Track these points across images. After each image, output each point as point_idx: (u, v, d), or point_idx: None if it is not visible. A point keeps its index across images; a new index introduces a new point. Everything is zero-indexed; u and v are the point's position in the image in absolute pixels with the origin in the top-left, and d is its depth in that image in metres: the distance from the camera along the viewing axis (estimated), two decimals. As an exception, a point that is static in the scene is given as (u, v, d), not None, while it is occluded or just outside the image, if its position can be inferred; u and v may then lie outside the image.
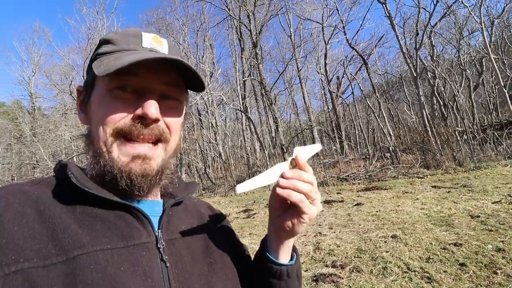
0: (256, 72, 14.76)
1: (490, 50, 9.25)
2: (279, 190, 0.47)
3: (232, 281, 0.54)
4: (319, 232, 4.46)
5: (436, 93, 14.50)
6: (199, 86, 0.55)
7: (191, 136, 17.93)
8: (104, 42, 0.51)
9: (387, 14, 11.62)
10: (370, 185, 9.29)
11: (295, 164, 0.51)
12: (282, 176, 0.48)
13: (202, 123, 21.38)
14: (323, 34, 20.32)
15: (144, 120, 0.47)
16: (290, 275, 0.56)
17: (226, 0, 17.13)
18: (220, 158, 16.19)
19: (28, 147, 24.72)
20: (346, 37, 12.83)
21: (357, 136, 19.24)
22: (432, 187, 6.94)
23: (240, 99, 18.24)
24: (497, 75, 9.39)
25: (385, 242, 3.60)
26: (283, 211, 0.53)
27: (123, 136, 0.47)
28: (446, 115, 14.09)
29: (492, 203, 4.48)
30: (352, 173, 10.94)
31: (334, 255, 3.46)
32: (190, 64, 0.49)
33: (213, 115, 20.89)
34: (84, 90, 0.53)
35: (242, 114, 16.41)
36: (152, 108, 0.47)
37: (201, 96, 16.90)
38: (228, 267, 0.56)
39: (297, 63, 23.42)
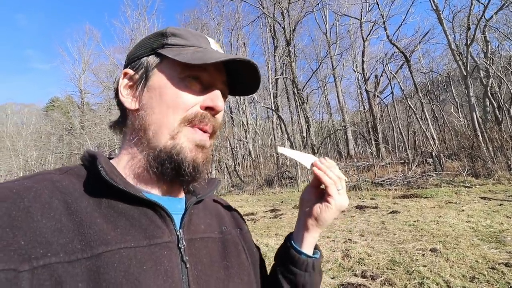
0: (288, 70, 14.54)
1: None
2: (316, 169, 0.56)
3: (247, 285, 0.54)
4: (349, 239, 4.23)
5: (489, 94, 13.05)
6: (249, 90, 0.58)
7: (222, 133, 18.25)
8: (171, 35, 0.52)
9: (434, 7, 10.69)
10: (409, 192, 8.66)
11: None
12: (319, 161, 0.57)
13: (233, 121, 21.66)
14: (361, 30, 19.37)
15: (211, 111, 0.50)
16: (315, 268, 0.58)
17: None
18: (249, 156, 16.26)
19: (77, 138, 27.07)
20: (386, 33, 12.02)
21: (396, 139, 18.09)
22: (481, 198, 6.26)
23: (272, 97, 18.11)
24: None
25: (423, 255, 3.29)
26: (314, 201, 0.58)
27: (190, 123, 0.48)
28: (501, 119, 12.65)
29: (556, 220, 3.89)
30: (389, 178, 10.29)
31: (364, 265, 3.24)
32: (260, 74, 0.54)
33: (244, 113, 21.04)
34: (138, 74, 0.51)
35: (273, 113, 16.28)
36: (220, 100, 0.50)
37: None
38: (243, 271, 0.55)
39: (332, 61, 22.66)
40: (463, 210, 5.10)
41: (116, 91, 0.53)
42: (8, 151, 30.22)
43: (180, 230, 0.48)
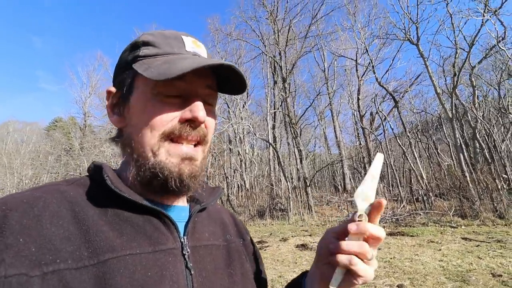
0: (284, 104, 15.24)
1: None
2: (340, 258, 0.44)
3: None
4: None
5: (477, 137, 13.56)
6: (236, 90, 0.56)
7: (218, 161, 18.52)
8: (143, 44, 0.50)
9: (420, 54, 11.56)
10: (396, 229, 8.71)
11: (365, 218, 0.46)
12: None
13: (231, 151, 22.02)
14: (357, 70, 20.58)
15: (192, 123, 0.48)
16: None
17: (262, 37, 18.49)
18: (244, 186, 16.36)
19: (75, 159, 27.29)
20: (375, 76, 12.86)
21: (390, 176, 18.32)
22: (462, 238, 6.36)
23: (269, 129, 18.68)
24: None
25: (390, 291, 3.41)
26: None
27: (170, 138, 0.48)
28: (490, 161, 12.99)
29: (522, 263, 4.03)
30: (377, 214, 10.36)
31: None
32: (240, 70, 0.50)
33: (241, 143, 21.49)
34: (119, 92, 0.52)
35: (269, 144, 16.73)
36: (200, 111, 0.48)
37: (231, 124, 17.66)
38: (247, 279, 0.55)
39: (329, 97, 23.67)
40: (440, 250, 5.22)
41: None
42: (4, 168, 30.22)
43: (184, 237, 0.49)
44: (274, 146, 13.29)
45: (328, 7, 18.26)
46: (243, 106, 22.17)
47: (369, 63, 12.98)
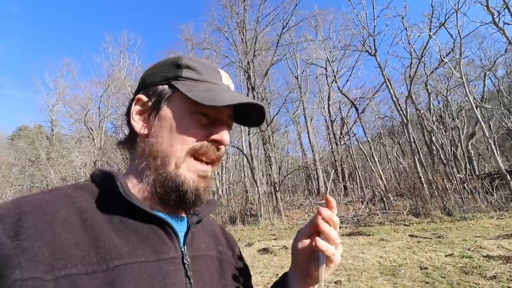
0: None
1: (472, 103, 9.63)
2: (320, 245, 0.49)
3: None
4: (276, 274, 4.60)
5: (433, 139, 14.73)
6: (250, 124, 0.62)
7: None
8: (186, 67, 0.55)
9: (378, 64, 12.43)
10: (356, 229, 9.22)
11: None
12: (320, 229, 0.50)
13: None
14: (327, 77, 21.56)
15: (218, 144, 0.54)
16: None
17: (236, 45, 18.85)
18: (217, 192, 16.45)
19: (41, 170, 25.87)
20: (337, 85, 13.63)
21: (358, 179, 19.23)
22: (410, 235, 6.94)
23: (243, 135, 18.97)
24: (482, 127, 9.63)
25: (327, 287, 3.75)
26: (309, 257, 0.54)
27: (194, 155, 0.52)
28: (445, 163, 14.12)
29: (446, 255, 4.55)
30: (341, 216, 10.91)
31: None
32: (265, 113, 0.58)
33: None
34: (150, 102, 0.55)
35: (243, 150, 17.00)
36: (226, 135, 0.54)
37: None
38: None
39: (303, 103, 24.46)
40: (384, 247, 5.69)
41: (128, 114, 0.56)
42: (-39, 182, 28.04)
43: (184, 247, 0.51)
44: (244, 153, 13.54)
45: (298, 18, 19.11)
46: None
47: (333, 72, 13.71)
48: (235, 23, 16.22)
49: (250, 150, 17.33)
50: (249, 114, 0.59)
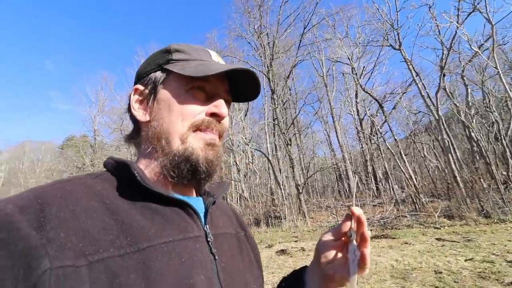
0: (274, 115, 15.72)
1: (510, 93, 8.81)
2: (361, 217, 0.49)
3: (257, 280, 0.59)
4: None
5: (473, 136, 13.60)
6: (249, 98, 0.63)
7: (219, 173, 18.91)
8: (175, 51, 0.56)
9: (404, 59, 11.87)
10: (382, 232, 8.88)
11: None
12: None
13: (233, 161, 22.52)
14: (354, 75, 20.92)
15: (216, 117, 0.54)
16: None
17: (258, 49, 19.12)
18: (242, 195, 16.78)
19: (86, 176, 28.30)
20: (359, 83, 13.20)
21: (389, 179, 18.34)
22: (436, 239, 6.56)
23: (267, 138, 19.13)
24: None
25: None
26: (334, 258, 0.52)
27: (198, 128, 0.53)
28: (486, 161, 12.97)
29: (466, 260, 4.28)
30: (367, 219, 10.54)
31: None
32: (259, 80, 0.58)
33: (243, 152, 21.97)
34: (147, 89, 0.56)
35: (268, 153, 17.16)
36: (224, 107, 0.54)
37: (232, 133, 18.24)
38: (253, 266, 0.61)
39: (330, 102, 23.95)
40: (404, 250, 5.48)
41: (129, 106, 0.58)
42: (20, 187, 31.70)
43: (206, 226, 0.53)
44: (267, 155, 13.68)
45: (319, 16, 18.87)
46: (245, 115, 22.66)
47: (355, 70, 13.32)
48: (253, 29, 16.50)
49: (275, 153, 17.44)
50: (246, 88, 0.60)
